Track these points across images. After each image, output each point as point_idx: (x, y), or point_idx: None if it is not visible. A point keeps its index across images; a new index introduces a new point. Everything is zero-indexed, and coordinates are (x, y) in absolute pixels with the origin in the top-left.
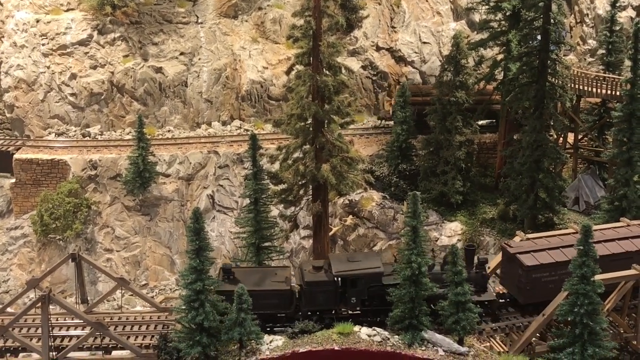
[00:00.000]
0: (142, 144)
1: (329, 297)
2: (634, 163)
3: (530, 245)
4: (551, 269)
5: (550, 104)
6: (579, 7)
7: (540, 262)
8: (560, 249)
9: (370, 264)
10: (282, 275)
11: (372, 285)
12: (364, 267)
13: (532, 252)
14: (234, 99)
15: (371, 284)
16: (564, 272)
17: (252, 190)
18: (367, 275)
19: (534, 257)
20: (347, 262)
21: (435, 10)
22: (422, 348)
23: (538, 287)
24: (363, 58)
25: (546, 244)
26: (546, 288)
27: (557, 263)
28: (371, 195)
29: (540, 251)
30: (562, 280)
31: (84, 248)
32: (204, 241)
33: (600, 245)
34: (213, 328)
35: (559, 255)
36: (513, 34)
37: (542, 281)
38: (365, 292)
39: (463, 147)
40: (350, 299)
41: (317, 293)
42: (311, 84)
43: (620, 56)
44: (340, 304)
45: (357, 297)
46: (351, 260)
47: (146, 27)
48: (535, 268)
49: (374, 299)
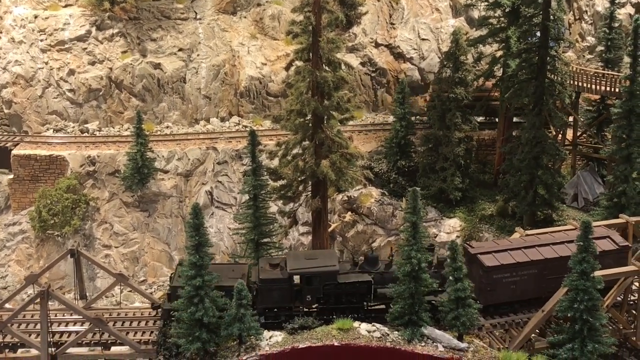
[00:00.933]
0: (140, 140)
1: (284, 294)
2: (632, 160)
3: (492, 245)
4: (512, 269)
5: (550, 100)
6: (578, 4)
7: (501, 262)
8: (522, 250)
9: (327, 262)
10: (238, 272)
11: (327, 284)
12: (319, 265)
13: (493, 252)
14: (232, 95)
15: (326, 282)
16: (525, 273)
17: (251, 186)
18: (322, 273)
19: (495, 258)
20: (303, 260)
21: (434, 6)
22: (422, 344)
23: (499, 288)
24: (362, 54)
25: (508, 245)
26: (507, 289)
27: (518, 264)
28: (370, 191)
29: (501, 252)
30: (523, 281)
31: (83, 244)
32: (203, 237)
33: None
34: (212, 324)
35: (520, 256)
36: (512, 31)
37: (502, 282)
38: (320, 290)
39: (462, 144)
40: (306, 297)
41: (273, 290)
42: (311, 79)
43: (619, 53)
44: (295, 302)
45: (312, 295)
46: (308, 258)
47: (144, 23)
48: (495, 269)
49: (330, 297)
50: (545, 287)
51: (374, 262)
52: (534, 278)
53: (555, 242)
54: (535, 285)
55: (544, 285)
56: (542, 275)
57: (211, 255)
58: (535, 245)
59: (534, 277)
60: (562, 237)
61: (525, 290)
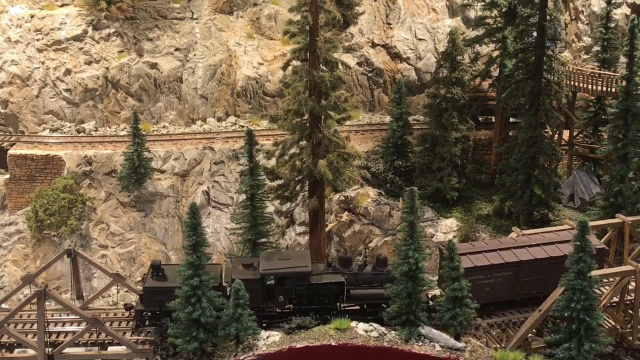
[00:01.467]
0: (137, 140)
1: (256, 295)
2: (629, 159)
3: (467, 247)
4: (487, 271)
5: (546, 100)
6: (574, 4)
7: (475, 264)
8: (498, 252)
9: (299, 263)
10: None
11: (299, 284)
12: (291, 265)
13: (468, 254)
14: (229, 95)
15: (299, 283)
16: (500, 275)
17: (248, 186)
18: (294, 274)
19: (470, 259)
20: (276, 261)
21: (431, 6)
22: (419, 344)
23: (473, 289)
24: (358, 54)
25: (483, 247)
26: (482, 291)
27: (493, 266)
28: (367, 191)
29: (476, 253)
30: (498, 283)
31: (79, 244)
32: (200, 236)
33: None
34: (210, 323)
35: (495, 258)
36: (509, 31)
37: (477, 284)
38: (293, 291)
39: (459, 144)
40: (278, 297)
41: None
42: (308, 79)
43: (615, 53)
44: (268, 302)
45: (284, 295)
46: (281, 258)
47: (141, 22)
48: (469, 270)
49: (303, 298)
50: (521, 290)
51: (348, 263)
52: (509, 280)
53: (531, 244)
54: (511, 287)
55: (519, 288)
56: (517, 277)
57: (208, 255)
58: (511, 247)
59: (509, 279)
60: (539, 240)
61: (500, 293)
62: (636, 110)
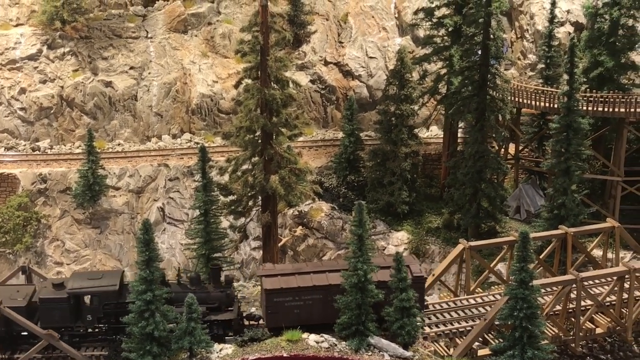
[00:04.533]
0: (91, 158)
1: (64, 314)
2: (571, 172)
3: (283, 268)
4: (295, 294)
5: (491, 116)
6: (520, 23)
7: (282, 286)
8: (311, 274)
9: (107, 282)
10: (23, 293)
11: (107, 303)
12: (99, 285)
13: (280, 275)
14: (184, 113)
15: (106, 301)
16: (310, 298)
17: (201, 201)
18: (100, 293)
19: (278, 281)
20: (86, 280)
21: (381, 26)
22: (369, 353)
23: (281, 311)
24: (311, 72)
25: (298, 269)
26: (291, 313)
27: (301, 288)
28: (320, 206)
29: (288, 275)
30: (308, 306)
31: (34, 261)
32: (153, 252)
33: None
34: (163, 337)
35: (305, 281)
36: (455, 49)
37: (285, 306)
38: (100, 309)
39: (408, 159)
40: (86, 317)
41: (53, 310)
42: (259, 97)
43: (558, 70)
44: (77, 322)
45: (92, 314)
46: (91, 278)
47: (96, 41)
48: (275, 292)
49: (111, 317)
50: (332, 313)
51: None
52: (319, 303)
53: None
54: (322, 310)
55: (330, 312)
56: (328, 301)
57: (162, 270)
58: (326, 270)
59: (320, 302)
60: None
61: (310, 315)
62: (577, 125)
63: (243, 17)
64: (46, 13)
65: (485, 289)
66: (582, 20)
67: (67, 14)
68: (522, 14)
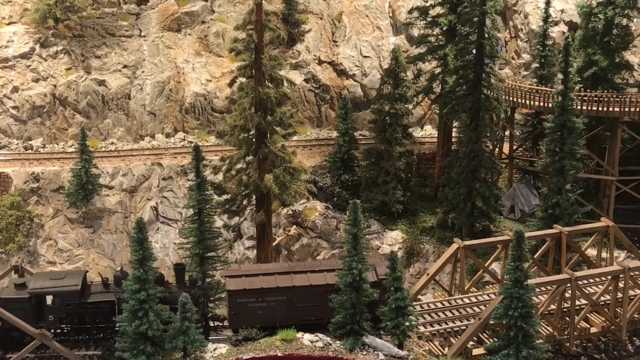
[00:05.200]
0: (84, 157)
1: (25, 314)
2: (565, 172)
3: (248, 269)
4: (258, 295)
5: (486, 115)
6: (514, 23)
7: (245, 287)
8: (275, 275)
9: (69, 282)
10: None
11: (69, 304)
12: (60, 285)
13: (244, 276)
14: (177, 112)
15: (68, 302)
16: (274, 300)
17: (195, 200)
18: (62, 292)
19: (241, 282)
20: (47, 280)
21: (376, 25)
22: (363, 353)
23: (245, 312)
24: (305, 71)
25: (264, 270)
26: (254, 314)
27: (264, 290)
28: (314, 205)
29: (252, 276)
30: (271, 307)
31: (27, 261)
32: (147, 251)
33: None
34: (157, 337)
35: (268, 282)
36: (449, 48)
37: (248, 307)
38: (62, 310)
39: (403, 158)
40: (48, 317)
41: (15, 310)
42: (254, 96)
43: (552, 69)
44: (39, 322)
45: (54, 314)
46: (53, 278)
47: (89, 40)
48: (238, 293)
49: (73, 317)
50: (296, 315)
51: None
52: (283, 305)
53: (314, 269)
54: (286, 312)
55: (295, 313)
56: (292, 302)
57: (155, 269)
58: (291, 271)
59: (284, 304)
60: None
61: (274, 317)
62: (571, 125)
63: (237, 15)
64: (39, 11)
65: (479, 289)
66: (577, 19)
67: (60, 12)
68: (516, 14)
